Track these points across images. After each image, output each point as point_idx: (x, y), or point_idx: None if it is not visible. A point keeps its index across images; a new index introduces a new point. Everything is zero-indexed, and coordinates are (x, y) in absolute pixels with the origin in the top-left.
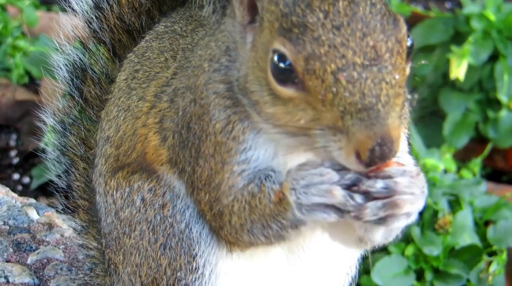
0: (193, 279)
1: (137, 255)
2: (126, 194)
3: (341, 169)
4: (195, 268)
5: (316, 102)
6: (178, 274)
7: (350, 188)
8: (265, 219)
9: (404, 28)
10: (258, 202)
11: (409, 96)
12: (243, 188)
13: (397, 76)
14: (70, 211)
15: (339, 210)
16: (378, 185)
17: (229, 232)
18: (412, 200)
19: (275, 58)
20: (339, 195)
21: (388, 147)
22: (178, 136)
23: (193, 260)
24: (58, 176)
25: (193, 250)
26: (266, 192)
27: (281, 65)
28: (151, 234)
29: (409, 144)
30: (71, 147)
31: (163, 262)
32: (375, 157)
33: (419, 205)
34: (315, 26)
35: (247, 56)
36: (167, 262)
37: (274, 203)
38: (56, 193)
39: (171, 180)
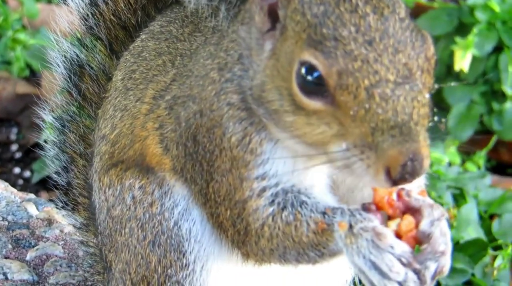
0: (184, 275)
1: (126, 252)
2: (117, 191)
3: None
4: (186, 265)
5: (346, 117)
6: (169, 271)
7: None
8: (301, 247)
9: (432, 45)
10: (294, 229)
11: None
12: (274, 214)
13: (426, 95)
14: (70, 208)
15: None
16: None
17: (255, 252)
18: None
19: (303, 70)
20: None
21: (419, 163)
22: (183, 148)
23: (183, 257)
24: (58, 173)
25: (183, 246)
26: (304, 221)
27: (309, 77)
28: (139, 231)
29: None
30: (70, 144)
31: (152, 259)
32: (406, 173)
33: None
34: (348, 39)
35: (264, 64)
36: (157, 259)
37: (314, 232)
38: (56, 190)
39: (167, 180)
